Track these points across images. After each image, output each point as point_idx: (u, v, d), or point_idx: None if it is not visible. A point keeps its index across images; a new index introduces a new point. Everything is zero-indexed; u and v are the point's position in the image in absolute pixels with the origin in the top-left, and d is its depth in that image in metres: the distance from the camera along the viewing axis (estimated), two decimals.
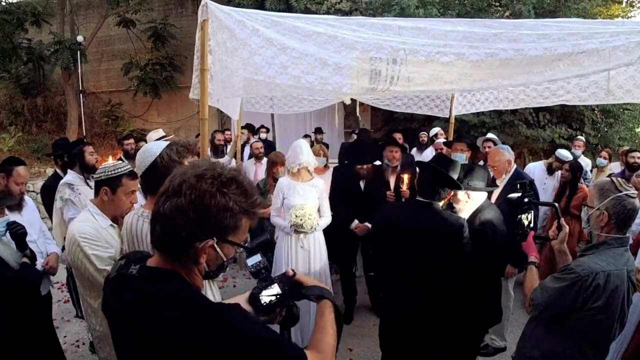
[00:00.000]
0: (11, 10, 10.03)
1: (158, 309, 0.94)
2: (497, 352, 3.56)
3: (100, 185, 2.12)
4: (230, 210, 0.96)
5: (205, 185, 0.95)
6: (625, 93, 3.32)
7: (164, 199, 0.96)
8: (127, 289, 1.02)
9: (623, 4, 11.44)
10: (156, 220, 0.98)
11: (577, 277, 1.72)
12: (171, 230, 0.95)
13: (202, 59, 2.38)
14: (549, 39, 2.40)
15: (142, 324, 0.95)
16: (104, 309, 1.18)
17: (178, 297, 0.96)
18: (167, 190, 0.97)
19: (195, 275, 1.05)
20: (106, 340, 2.14)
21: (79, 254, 1.99)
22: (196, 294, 1.00)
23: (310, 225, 3.35)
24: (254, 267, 1.22)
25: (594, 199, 1.82)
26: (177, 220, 0.94)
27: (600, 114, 8.50)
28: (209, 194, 0.94)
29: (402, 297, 2.49)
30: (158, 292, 0.96)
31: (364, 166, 3.91)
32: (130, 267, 1.05)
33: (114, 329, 1.11)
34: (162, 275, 1.01)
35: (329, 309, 1.17)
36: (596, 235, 1.84)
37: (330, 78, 2.58)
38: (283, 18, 2.53)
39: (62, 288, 4.56)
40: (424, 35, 2.50)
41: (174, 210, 0.94)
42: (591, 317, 1.73)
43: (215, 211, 0.95)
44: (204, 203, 0.94)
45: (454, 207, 2.70)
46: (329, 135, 8.83)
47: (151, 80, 10.87)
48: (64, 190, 3.36)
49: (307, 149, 3.50)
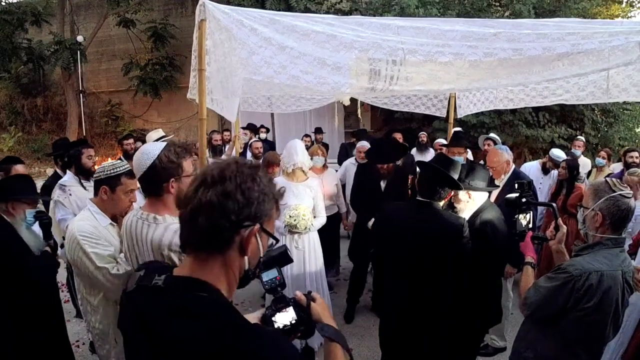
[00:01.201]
0: (11, 10, 10.06)
1: (192, 323, 0.87)
2: (497, 352, 3.55)
3: (99, 185, 2.15)
4: (267, 195, 0.97)
5: (245, 169, 0.96)
6: (622, 92, 3.32)
7: (204, 189, 0.92)
8: (154, 302, 0.94)
9: (623, 4, 11.43)
10: (199, 212, 0.92)
11: (569, 277, 1.71)
12: (220, 216, 0.91)
13: (200, 59, 2.36)
14: (548, 39, 2.39)
15: (169, 339, 0.88)
16: (121, 325, 1.09)
17: (213, 312, 0.89)
18: (205, 181, 0.93)
19: (227, 286, 0.99)
20: (105, 337, 2.16)
21: (78, 251, 2.00)
22: (231, 308, 0.95)
23: (304, 226, 3.34)
24: (268, 284, 1.11)
25: (589, 200, 1.82)
26: (225, 205, 0.91)
27: (600, 113, 8.50)
28: (250, 177, 0.95)
29: (402, 296, 2.49)
30: (190, 306, 0.90)
31: (385, 166, 3.89)
32: (153, 277, 0.98)
33: (133, 345, 1.02)
34: (194, 286, 0.93)
35: (340, 353, 1.09)
36: (591, 236, 1.83)
37: (329, 77, 2.57)
38: (281, 16, 2.51)
39: (62, 288, 4.56)
40: (422, 35, 2.49)
41: (220, 196, 0.91)
42: (584, 318, 1.72)
43: (257, 194, 0.95)
44: (248, 186, 0.93)
45: (455, 207, 2.70)
46: (329, 136, 8.83)
47: (151, 80, 10.88)
48: (55, 191, 3.36)
49: (301, 149, 3.50)
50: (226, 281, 0.97)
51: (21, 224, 2.52)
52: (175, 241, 1.63)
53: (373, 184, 3.99)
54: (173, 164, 1.74)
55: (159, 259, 1.68)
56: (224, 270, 0.97)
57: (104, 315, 2.13)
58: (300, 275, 3.49)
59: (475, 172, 2.63)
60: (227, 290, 0.98)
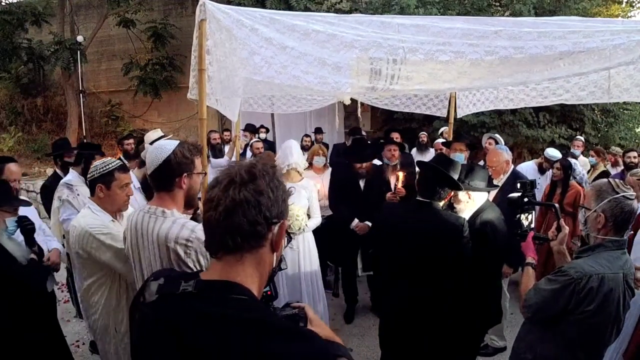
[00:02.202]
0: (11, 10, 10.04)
1: (230, 328, 0.85)
2: (497, 352, 3.55)
3: (94, 184, 2.19)
4: (285, 193, 1.02)
5: (269, 169, 1.00)
6: (623, 92, 3.31)
7: (234, 188, 0.93)
8: (185, 309, 0.91)
9: (623, 4, 11.42)
10: (233, 210, 0.92)
11: (570, 280, 1.70)
12: (257, 212, 0.93)
13: (200, 59, 2.36)
14: (549, 37, 2.37)
15: (204, 346, 0.85)
16: (136, 339, 1.03)
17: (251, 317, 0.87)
18: (234, 181, 0.94)
19: (258, 287, 0.99)
20: (107, 331, 2.19)
21: (92, 242, 2.05)
22: (268, 311, 1.00)
23: (298, 226, 3.33)
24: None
25: (591, 201, 1.79)
26: (260, 202, 0.94)
27: (600, 113, 8.50)
28: (275, 176, 1.00)
29: (402, 296, 2.49)
30: (227, 311, 0.88)
31: (362, 165, 3.89)
32: (179, 284, 0.94)
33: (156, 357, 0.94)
34: (229, 289, 0.92)
35: None
36: (593, 237, 1.81)
37: (330, 77, 2.56)
38: (281, 15, 2.50)
39: (62, 288, 4.56)
40: (423, 33, 2.48)
41: (255, 193, 0.94)
42: (584, 321, 1.71)
43: (281, 193, 0.99)
44: (276, 185, 0.98)
45: (455, 207, 2.70)
46: (329, 136, 8.82)
47: (151, 80, 10.86)
48: (62, 190, 3.35)
49: (297, 150, 3.49)
50: (258, 281, 0.99)
51: (2, 233, 2.38)
52: (182, 234, 1.66)
53: (352, 184, 3.97)
54: (187, 160, 1.78)
55: (163, 252, 1.68)
56: (257, 270, 0.98)
57: (104, 310, 2.17)
58: (295, 276, 3.45)
59: (474, 173, 2.63)
60: (257, 290, 0.99)
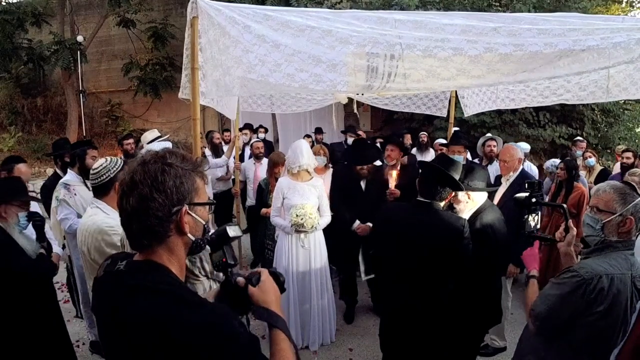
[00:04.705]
0: (11, 10, 10.06)
1: (147, 299, 0.98)
2: (497, 352, 3.54)
3: (112, 183, 2.22)
4: (182, 176, 1.04)
5: (151, 166, 1.02)
6: (622, 91, 3.30)
7: (125, 198, 1.02)
8: (117, 285, 1.05)
9: (623, 3, 11.43)
10: (130, 219, 1.02)
11: (580, 280, 1.65)
12: (148, 216, 1.01)
13: (193, 57, 2.32)
14: (549, 34, 2.33)
15: (129, 314, 0.98)
16: (93, 310, 1.19)
17: (164, 289, 1.00)
18: (124, 191, 1.03)
19: (178, 266, 1.09)
20: None
21: (108, 240, 2.10)
22: (181, 285, 1.06)
23: (311, 225, 3.37)
24: (216, 265, 1.27)
25: (615, 205, 1.71)
26: (148, 206, 1.00)
27: (601, 113, 8.48)
28: (159, 170, 1.02)
29: (403, 297, 2.48)
30: (146, 284, 1.00)
31: (364, 167, 3.89)
32: (117, 264, 1.09)
33: (103, 329, 1.12)
34: (150, 268, 1.04)
35: (283, 340, 1.10)
36: (593, 239, 1.76)
37: (325, 75, 2.50)
38: (275, 12, 2.45)
39: (62, 288, 4.55)
40: (421, 29, 2.42)
41: (139, 201, 1.00)
42: (592, 323, 1.66)
43: (171, 182, 1.02)
44: (160, 180, 1.01)
45: (454, 207, 2.69)
46: (329, 136, 8.81)
47: (151, 80, 10.88)
48: (60, 190, 3.33)
49: (307, 150, 3.49)
50: (177, 262, 1.08)
51: (14, 227, 2.48)
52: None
53: (353, 185, 3.96)
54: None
55: None
56: (171, 254, 1.07)
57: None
58: (305, 273, 3.52)
59: (474, 173, 2.62)
60: (178, 268, 1.08)
